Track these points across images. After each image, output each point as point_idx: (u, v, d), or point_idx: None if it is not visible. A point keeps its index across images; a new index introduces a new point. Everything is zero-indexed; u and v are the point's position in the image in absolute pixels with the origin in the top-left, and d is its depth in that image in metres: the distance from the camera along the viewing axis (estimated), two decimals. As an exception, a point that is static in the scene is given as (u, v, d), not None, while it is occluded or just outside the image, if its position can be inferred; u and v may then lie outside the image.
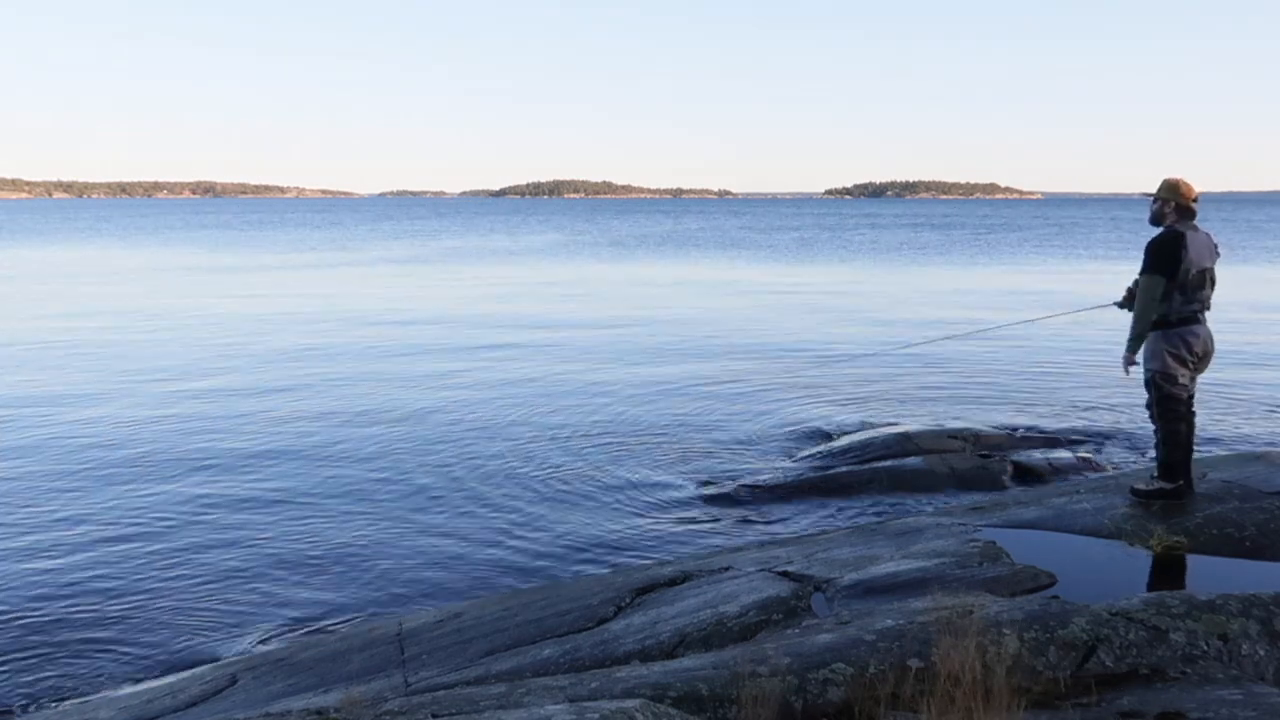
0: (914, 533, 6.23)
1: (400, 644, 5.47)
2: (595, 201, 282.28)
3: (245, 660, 5.87)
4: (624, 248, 54.14)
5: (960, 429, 10.82)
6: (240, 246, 55.31)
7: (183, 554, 7.90)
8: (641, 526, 8.39)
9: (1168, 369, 5.95)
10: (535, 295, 28.30)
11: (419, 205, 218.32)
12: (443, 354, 17.32)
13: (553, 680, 4.06)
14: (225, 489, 9.54)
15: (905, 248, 53.63)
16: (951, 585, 4.85)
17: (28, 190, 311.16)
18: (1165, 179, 6.06)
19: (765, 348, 17.75)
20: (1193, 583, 5.17)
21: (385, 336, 19.50)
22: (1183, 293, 5.84)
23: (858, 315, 22.98)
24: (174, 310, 24.01)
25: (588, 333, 19.92)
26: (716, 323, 21.52)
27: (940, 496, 8.82)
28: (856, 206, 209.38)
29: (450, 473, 10.02)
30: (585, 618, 5.34)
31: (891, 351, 15.12)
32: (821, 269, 39.02)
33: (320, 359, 16.83)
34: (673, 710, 3.44)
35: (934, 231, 75.98)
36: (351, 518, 8.71)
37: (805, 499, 8.91)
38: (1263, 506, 5.89)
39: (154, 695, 5.45)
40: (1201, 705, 3.41)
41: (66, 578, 7.45)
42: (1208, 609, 4.03)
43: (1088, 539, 5.78)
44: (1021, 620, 3.98)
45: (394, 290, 29.93)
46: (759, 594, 5.07)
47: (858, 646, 3.91)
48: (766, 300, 26.65)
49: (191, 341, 18.77)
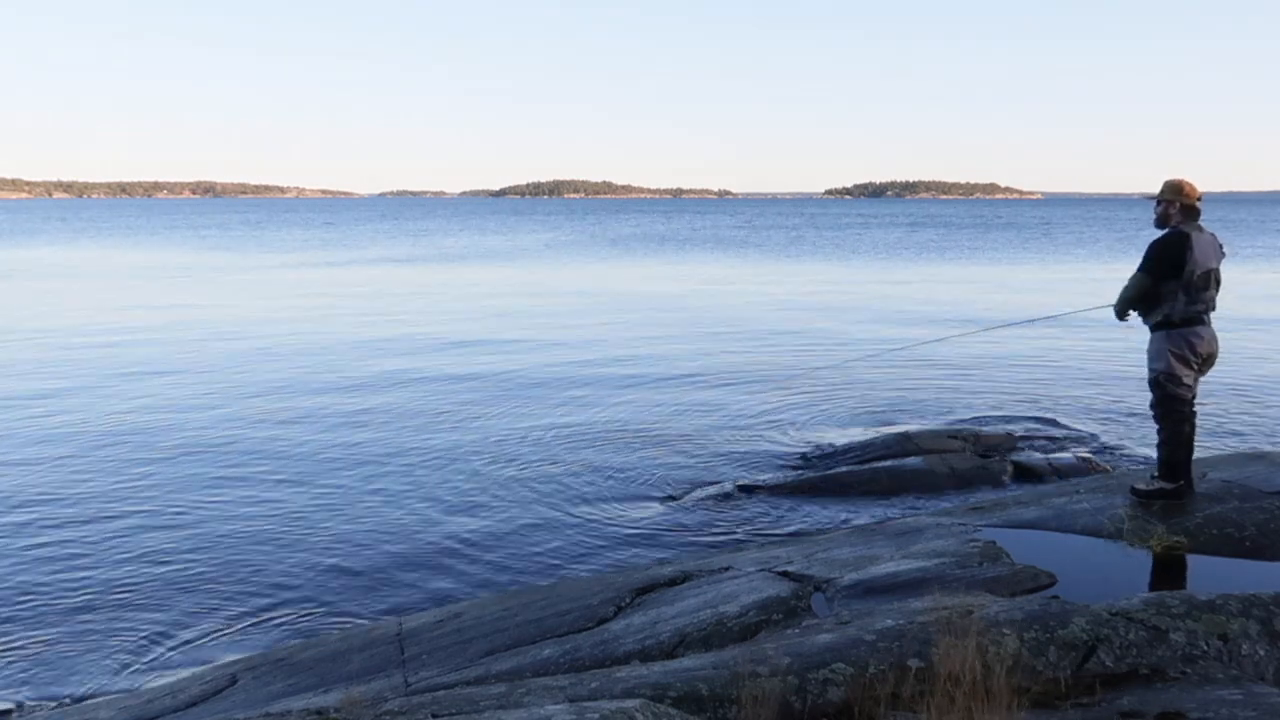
0: (914, 533, 6.23)
1: (400, 644, 5.47)
2: (595, 201, 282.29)
3: (245, 660, 5.87)
4: (623, 247, 54.21)
5: (960, 429, 10.82)
6: (232, 248, 55.28)
7: (183, 554, 7.90)
8: (641, 526, 8.39)
9: (1172, 369, 5.95)
10: (533, 294, 28.30)
11: (419, 205, 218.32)
12: (441, 354, 17.32)
13: (553, 680, 4.06)
14: (226, 489, 9.54)
15: (899, 246, 53.69)
16: (951, 585, 4.85)
17: (28, 190, 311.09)
18: (1168, 180, 6.05)
19: (765, 347, 17.75)
20: (1193, 583, 5.18)
21: (385, 336, 19.49)
22: (1187, 293, 5.83)
23: (857, 315, 22.97)
24: (153, 312, 24.01)
25: (586, 333, 19.92)
26: (715, 322, 21.51)
27: (940, 496, 8.82)
28: (854, 206, 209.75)
29: (449, 473, 10.02)
30: (585, 618, 5.34)
31: (891, 352, 15.12)
32: (818, 268, 39.03)
33: (319, 359, 16.82)
34: (673, 710, 3.44)
35: (932, 230, 76.05)
36: (352, 518, 8.70)
37: (805, 499, 8.91)
38: (1263, 506, 5.89)
39: (154, 695, 5.45)
40: (1201, 705, 3.41)
41: (66, 578, 7.45)
42: (1208, 609, 4.03)
43: (1088, 539, 5.78)
44: (1021, 620, 3.98)
45: (394, 291, 29.93)
46: (759, 594, 5.07)
47: (858, 646, 3.91)
48: (765, 300, 26.64)
49: (184, 341, 18.77)
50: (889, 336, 18.70)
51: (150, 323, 21.64)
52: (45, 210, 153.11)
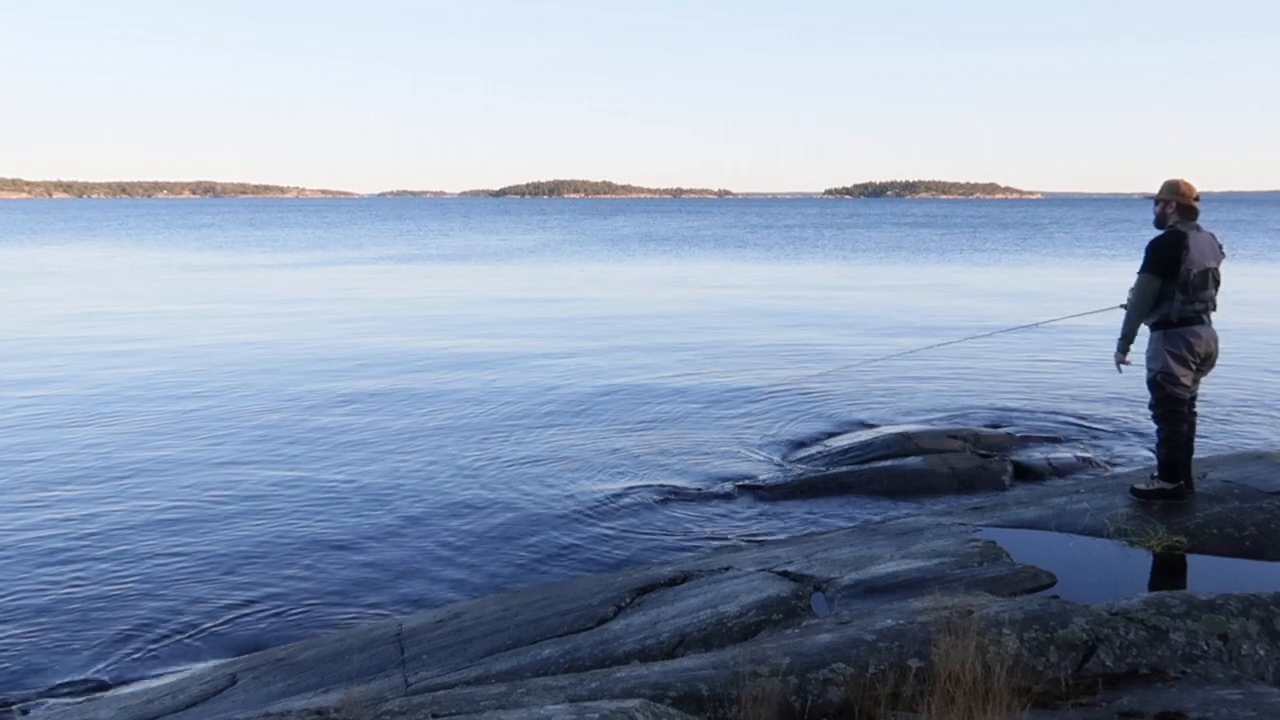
0: (914, 533, 6.23)
1: (400, 644, 5.47)
2: (595, 201, 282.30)
3: (245, 660, 5.87)
4: (622, 246, 54.20)
5: (960, 429, 10.82)
6: (227, 248, 55.29)
7: (182, 554, 7.89)
8: (641, 526, 8.39)
9: (1169, 369, 5.96)
10: (531, 294, 28.29)
11: (418, 205, 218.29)
12: (439, 353, 17.32)
13: (553, 680, 4.06)
14: (225, 490, 9.54)
15: (900, 247, 53.67)
16: (951, 585, 4.85)
17: (28, 190, 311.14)
18: (1166, 180, 6.07)
19: (764, 347, 17.75)
20: (1193, 583, 5.18)
21: (383, 336, 19.50)
22: (1184, 293, 5.84)
23: (857, 314, 22.97)
24: (151, 313, 24.02)
25: (584, 332, 19.91)
26: (716, 322, 21.51)
27: (940, 496, 8.81)
28: (853, 206, 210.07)
29: (450, 473, 10.01)
30: (585, 618, 5.34)
31: (891, 351, 15.13)
32: (818, 268, 39.02)
33: (317, 360, 16.82)
34: (673, 710, 3.44)
35: (931, 229, 76.06)
36: (351, 518, 8.70)
37: (805, 499, 8.90)
38: (1263, 506, 5.89)
39: (154, 695, 5.45)
40: (1201, 705, 3.41)
41: (64, 578, 7.45)
42: (1208, 609, 4.03)
43: (1088, 539, 5.78)
44: (1021, 620, 3.98)
45: (393, 291, 29.92)
46: (759, 594, 5.07)
47: (858, 646, 3.91)
48: (765, 300, 26.63)
49: (183, 341, 18.77)
50: (889, 337, 18.69)
51: (149, 326, 21.64)
52: (44, 210, 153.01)
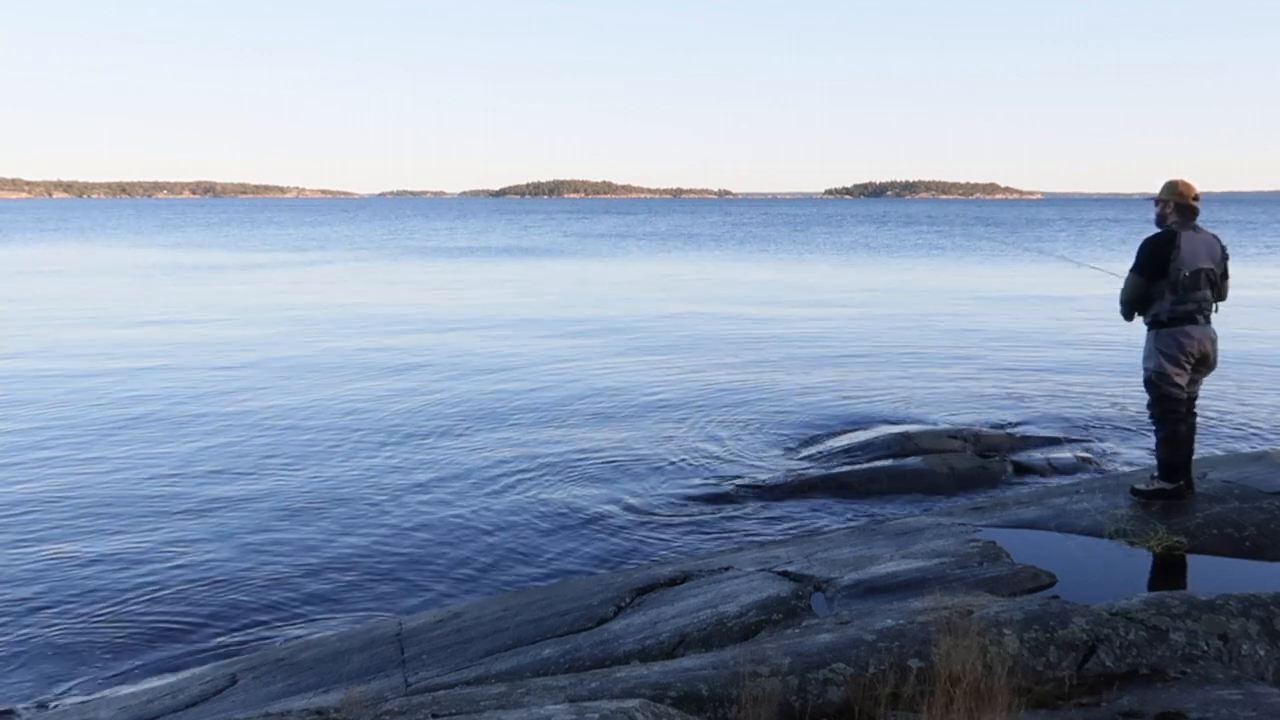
0: (914, 533, 6.23)
1: (400, 644, 5.47)
2: (595, 201, 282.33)
3: (245, 660, 5.87)
4: (621, 246, 54.20)
5: (960, 429, 10.82)
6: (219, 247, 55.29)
7: (182, 554, 7.89)
8: (641, 526, 8.39)
9: (1162, 369, 5.96)
10: (530, 294, 28.29)
11: (418, 205, 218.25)
12: (439, 354, 17.31)
13: (553, 680, 4.06)
14: (225, 490, 9.53)
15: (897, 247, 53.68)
16: (951, 585, 4.85)
17: (28, 190, 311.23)
18: (1167, 180, 6.08)
19: (763, 347, 17.74)
20: (1193, 583, 5.17)
21: (383, 336, 19.49)
22: (1175, 293, 5.84)
23: (856, 314, 22.96)
24: (151, 311, 24.02)
25: (583, 333, 19.91)
26: (716, 323, 21.51)
27: (940, 496, 8.81)
28: (852, 206, 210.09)
29: (449, 473, 10.01)
30: (585, 618, 5.34)
31: (890, 352, 15.14)
32: (818, 267, 39.02)
33: (315, 360, 16.82)
34: (673, 710, 3.43)
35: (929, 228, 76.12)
36: (351, 518, 8.70)
37: (805, 499, 8.90)
38: (1263, 506, 5.89)
39: (154, 695, 5.45)
40: (1201, 705, 3.41)
41: (64, 577, 7.45)
42: (1208, 609, 4.03)
43: (1088, 539, 5.78)
44: (1021, 620, 3.98)
45: (392, 292, 29.92)
46: (759, 594, 5.06)
47: (858, 646, 3.91)
48: (765, 300, 26.63)
49: (185, 341, 18.77)
50: (888, 338, 18.70)
51: (149, 321, 21.64)
52: (44, 210, 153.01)
